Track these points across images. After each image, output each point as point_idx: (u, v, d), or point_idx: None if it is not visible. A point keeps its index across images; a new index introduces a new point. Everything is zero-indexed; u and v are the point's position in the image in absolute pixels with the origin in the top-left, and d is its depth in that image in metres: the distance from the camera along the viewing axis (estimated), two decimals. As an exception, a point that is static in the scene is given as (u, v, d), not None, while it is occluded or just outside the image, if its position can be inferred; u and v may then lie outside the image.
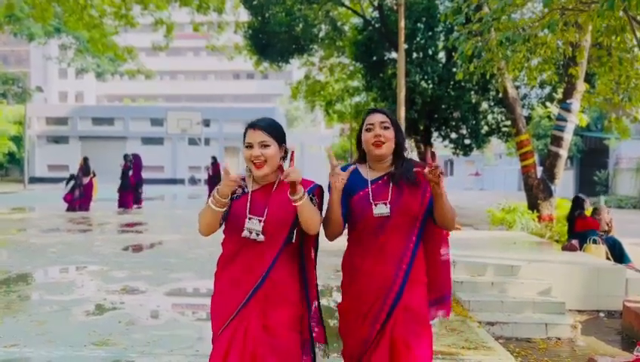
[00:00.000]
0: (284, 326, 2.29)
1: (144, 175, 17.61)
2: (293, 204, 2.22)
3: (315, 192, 2.38)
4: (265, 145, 2.30)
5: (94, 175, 16.00)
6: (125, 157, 16.71)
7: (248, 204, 2.31)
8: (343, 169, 2.43)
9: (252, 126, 2.33)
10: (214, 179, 19.26)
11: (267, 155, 2.29)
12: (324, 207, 2.42)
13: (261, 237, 2.26)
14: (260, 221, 2.27)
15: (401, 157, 2.46)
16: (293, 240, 2.34)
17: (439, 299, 2.60)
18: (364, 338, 2.38)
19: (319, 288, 2.53)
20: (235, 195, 2.34)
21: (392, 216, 2.36)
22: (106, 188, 17.50)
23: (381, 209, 2.36)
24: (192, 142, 31.61)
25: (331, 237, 2.43)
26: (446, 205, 2.35)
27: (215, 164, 19.45)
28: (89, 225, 12.72)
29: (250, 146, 2.31)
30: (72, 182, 15.85)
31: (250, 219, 2.28)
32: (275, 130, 2.34)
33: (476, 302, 5.56)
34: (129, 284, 6.45)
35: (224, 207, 2.24)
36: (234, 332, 2.25)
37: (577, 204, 8.50)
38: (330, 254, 8.02)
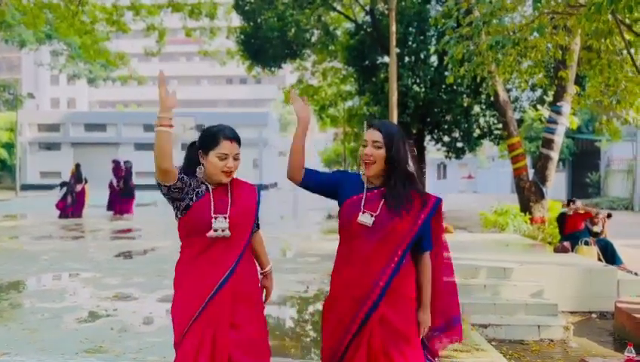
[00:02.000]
0: (253, 321, 2.33)
1: (137, 181, 17.54)
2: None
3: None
4: (237, 158, 2.38)
5: (86, 181, 15.92)
6: (126, 163, 16.64)
7: (212, 205, 2.33)
8: (348, 174, 2.56)
9: (228, 137, 2.35)
10: None
11: (236, 166, 2.38)
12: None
13: (227, 233, 2.30)
14: (225, 218, 2.31)
15: (396, 175, 2.42)
16: (257, 230, 2.46)
17: (446, 323, 2.53)
18: (336, 345, 2.39)
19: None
20: (196, 192, 2.35)
21: (377, 229, 2.36)
22: (98, 195, 17.40)
23: (365, 218, 2.38)
24: (185, 147, 31.58)
25: (289, 170, 2.48)
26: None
27: None
28: (82, 232, 12.65)
29: (225, 158, 2.33)
30: (64, 189, 15.76)
31: (216, 218, 2.30)
32: (240, 141, 2.44)
33: (469, 305, 5.57)
34: (122, 291, 6.41)
35: (171, 127, 2.22)
36: (201, 337, 2.24)
37: (568, 202, 8.58)
38: (325, 258, 8.03)
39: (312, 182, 2.49)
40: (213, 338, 2.25)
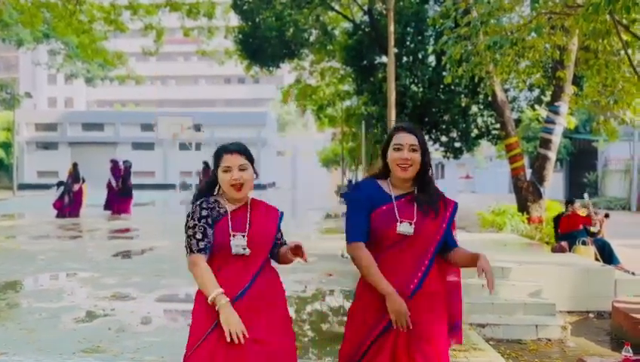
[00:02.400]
0: (276, 333, 2.31)
1: (134, 180, 17.52)
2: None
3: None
4: (243, 169, 2.39)
5: (84, 181, 15.89)
6: (125, 162, 16.62)
7: (230, 223, 2.37)
8: (362, 184, 2.52)
9: (229, 151, 2.41)
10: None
11: (245, 178, 2.38)
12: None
13: (247, 251, 2.33)
14: (243, 236, 2.34)
15: (425, 179, 2.47)
16: (269, 256, 2.46)
17: (450, 328, 2.53)
18: (360, 341, 2.38)
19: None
20: (215, 218, 2.37)
21: (414, 236, 2.38)
22: (96, 195, 17.38)
23: (405, 227, 2.37)
24: (183, 147, 31.49)
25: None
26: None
27: (206, 169, 19.39)
28: (79, 232, 12.63)
29: (228, 170, 2.37)
30: (61, 188, 15.73)
31: (234, 236, 2.34)
32: (249, 154, 2.45)
33: (467, 304, 5.53)
34: (120, 291, 6.40)
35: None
36: (214, 348, 2.22)
37: (566, 203, 8.60)
38: (323, 258, 8.03)
39: (367, 234, 2.44)
40: (226, 350, 2.21)
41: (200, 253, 2.30)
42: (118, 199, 16.31)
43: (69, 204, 15.47)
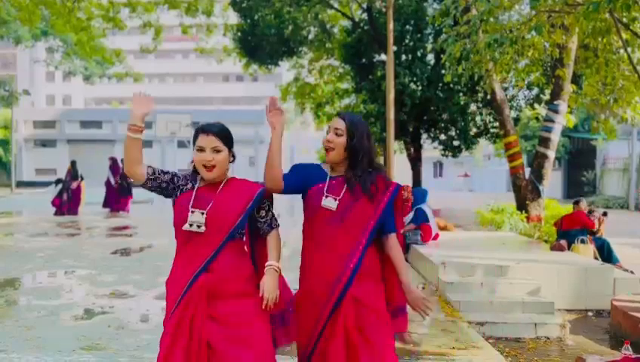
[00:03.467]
0: (246, 319, 2.29)
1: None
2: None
3: (265, 196, 2.47)
4: (216, 150, 2.38)
5: (82, 179, 15.86)
6: (122, 160, 16.60)
7: (192, 199, 2.38)
8: (310, 165, 2.62)
9: (204, 131, 2.40)
10: None
11: (218, 160, 2.37)
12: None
13: (202, 229, 2.32)
14: (202, 213, 2.34)
15: (357, 165, 2.51)
16: (240, 237, 2.40)
17: (394, 312, 2.56)
18: (311, 329, 2.44)
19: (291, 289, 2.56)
20: (181, 189, 2.43)
21: (341, 213, 2.45)
22: (94, 192, 17.35)
23: (329, 202, 2.46)
24: (182, 144, 31.47)
25: (269, 181, 2.48)
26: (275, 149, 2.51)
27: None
28: (77, 229, 12.62)
29: (201, 150, 2.38)
30: (59, 186, 15.70)
31: (192, 212, 2.34)
32: (225, 136, 2.43)
33: (466, 303, 5.59)
34: (118, 288, 6.40)
35: (140, 133, 2.32)
36: (179, 321, 2.28)
37: (574, 203, 8.62)
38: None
39: (291, 187, 2.53)
40: (190, 324, 2.27)
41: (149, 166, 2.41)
42: (117, 197, 16.29)
43: (67, 202, 15.45)
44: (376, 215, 2.47)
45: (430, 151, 22.31)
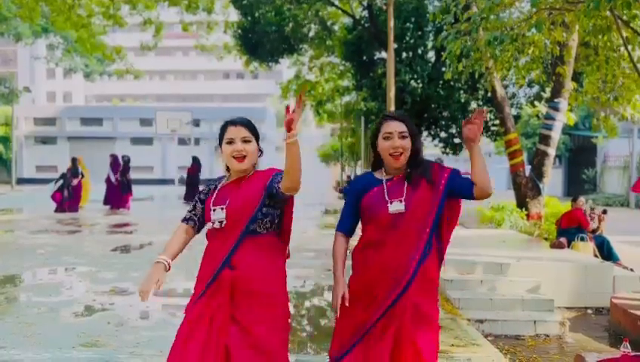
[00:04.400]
0: (260, 324, 2.27)
1: (133, 175, 17.52)
2: (286, 141, 2.22)
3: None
4: (246, 141, 2.40)
5: (83, 176, 15.87)
6: (124, 157, 16.64)
7: (213, 198, 2.43)
8: (359, 178, 2.60)
9: (233, 123, 2.43)
10: (191, 179, 19.42)
11: (248, 150, 2.38)
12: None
13: (223, 224, 2.36)
14: (222, 209, 2.36)
15: (417, 161, 2.51)
16: (261, 231, 2.35)
17: None
18: (361, 322, 2.39)
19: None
20: (206, 193, 2.49)
21: (407, 211, 2.41)
22: (95, 190, 17.37)
23: (397, 206, 2.42)
24: (182, 142, 31.50)
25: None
26: (481, 158, 2.42)
27: (193, 164, 19.66)
28: (78, 226, 12.62)
29: (231, 142, 2.39)
30: (60, 181, 15.72)
31: (214, 210, 2.39)
32: (253, 128, 2.46)
33: (466, 300, 5.59)
34: (118, 285, 6.41)
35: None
36: (201, 312, 2.30)
37: (572, 201, 8.61)
38: (321, 254, 8.03)
39: (353, 228, 2.56)
40: (210, 321, 2.28)
41: (183, 221, 2.49)
42: (118, 194, 16.31)
43: (68, 199, 15.45)
44: (436, 200, 2.42)
45: (431, 148, 22.31)
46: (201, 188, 2.57)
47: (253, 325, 2.27)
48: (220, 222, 2.35)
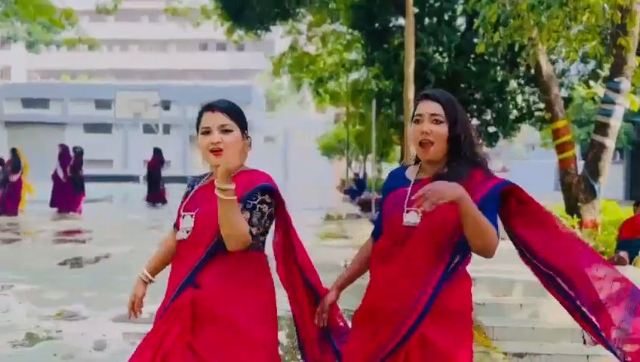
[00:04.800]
0: (213, 350, 2.25)
1: (87, 171, 17.56)
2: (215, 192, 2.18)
3: (266, 192, 2.37)
4: (226, 130, 2.36)
5: (23, 172, 15.88)
6: (75, 149, 16.73)
7: (186, 202, 2.45)
8: (390, 172, 2.61)
9: (209, 108, 2.41)
10: (151, 175, 19.70)
11: (228, 142, 2.34)
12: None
13: (186, 235, 2.38)
14: (191, 216, 2.38)
15: (459, 157, 2.41)
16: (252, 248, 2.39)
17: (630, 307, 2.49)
18: (371, 353, 2.38)
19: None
20: (185, 193, 2.53)
21: (422, 225, 2.35)
22: (38, 188, 17.38)
23: (412, 217, 2.37)
24: (148, 129, 31.57)
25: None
26: (471, 219, 2.25)
27: (154, 157, 19.84)
28: (17, 234, 12.64)
29: (207, 132, 2.37)
30: None
31: (183, 216, 2.40)
32: (237, 113, 2.43)
33: (501, 329, 5.60)
34: (67, 308, 6.41)
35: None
36: (145, 345, 2.36)
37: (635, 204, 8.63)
38: (321, 268, 8.02)
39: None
40: (158, 346, 2.31)
41: (173, 228, 2.53)
42: (67, 194, 16.33)
43: (5, 199, 15.47)
44: (459, 227, 2.30)
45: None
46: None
47: (213, 353, 2.25)
48: (188, 232, 2.36)
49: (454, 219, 2.30)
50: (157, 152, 20.16)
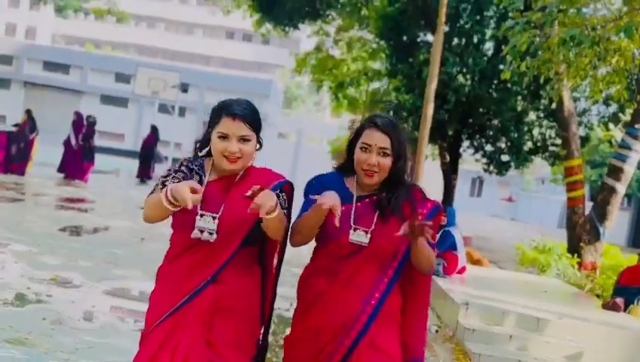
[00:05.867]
0: (231, 345, 2.36)
1: (99, 142, 17.65)
2: (262, 216, 2.25)
3: (284, 189, 2.47)
4: (245, 140, 2.38)
5: (37, 133, 15.98)
6: (89, 118, 16.84)
7: (200, 198, 2.36)
8: (325, 177, 2.61)
9: (231, 114, 2.37)
10: (145, 152, 19.88)
11: (245, 152, 2.38)
12: (298, 208, 2.54)
13: (214, 237, 2.34)
14: (214, 218, 2.35)
15: (394, 182, 2.55)
16: (254, 242, 2.43)
17: None
18: None
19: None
20: (179, 178, 2.44)
21: (370, 246, 2.47)
22: (49, 151, 17.45)
23: (359, 236, 2.48)
24: (164, 109, 31.59)
25: (296, 244, 2.57)
26: (421, 249, 2.44)
27: (150, 134, 20.04)
28: (21, 194, 12.70)
29: (224, 137, 2.36)
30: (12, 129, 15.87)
31: (202, 216, 2.35)
32: (256, 121, 2.43)
33: (488, 357, 5.58)
34: (61, 274, 6.44)
35: (177, 208, 2.30)
36: (164, 340, 2.32)
37: None
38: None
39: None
40: (174, 349, 2.30)
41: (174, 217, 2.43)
42: (77, 161, 16.42)
43: (17, 158, 15.52)
44: (404, 243, 2.48)
45: (470, 163, 22.28)
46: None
47: (227, 349, 2.35)
48: (210, 233, 2.34)
49: (399, 242, 2.47)
50: (154, 130, 20.44)
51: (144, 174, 19.83)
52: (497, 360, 5.59)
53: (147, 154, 20.01)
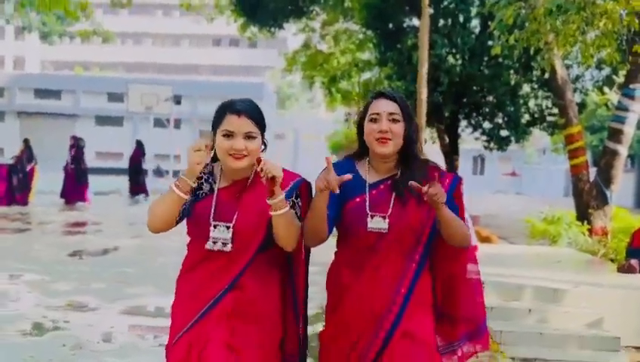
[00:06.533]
0: (254, 349, 2.36)
1: (98, 163, 17.68)
2: (270, 213, 2.24)
3: (301, 189, 2.44)
4: (250, 137, 2.34)
5: (36, 162, 16.01)
6: (78, 141, 16.87)
7: (213, 208, 2.36)
8: (337, 165, 2.46)
9: (236, 111, 2.35)
10: (134, 168, 19.80)
11: (251, 149, 2.34)
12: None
13: (228, 247, 2.33)
14: (228, 228, 2.33)
15: (411, 158, 2.50)
16: (272, 247, 2.40)
17: (474, 331, 2.63)
18: None
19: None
20: (199, 193, 2.41)
21: (391, 232, 2.41)
22: (49, 179, 17.48)
23: (377, 223, 2.42)
24: (159, 123, 31.60)
25: (311, 244, 2.51)
26: (449, 220, 2.38)
27: (136, 150, 20.03)
28: (27, 224, 12.72)
29: (229, 135, 2.33)
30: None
31: (215, 226, 2.34)
32: (260, 118, 2.41)
33: (509, 334, 5.58)
34: (76, 299, 6.46)
35: (189, 194, 2.29)
36: (188, 350, 2.33)
37: None
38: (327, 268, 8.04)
39: (332, 226, 2.50)
40: (199, 356, 2.32)
41: (188, 222, 2.45)
42: (73, 185, 16.51)
43: (19, 188, 15.55)
44: (430, 218, 2.43)
45: (470, 142, 22.24)
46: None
47: (249, 349, 2.35)
48: (224, 243, 2.33)
49: (420, 221, 2.42)
50: (139, 145, 20.45)
51: (138, 190, 19.58)
52: (519, 335, 5.59)
53: (136, 170, 19.95)
